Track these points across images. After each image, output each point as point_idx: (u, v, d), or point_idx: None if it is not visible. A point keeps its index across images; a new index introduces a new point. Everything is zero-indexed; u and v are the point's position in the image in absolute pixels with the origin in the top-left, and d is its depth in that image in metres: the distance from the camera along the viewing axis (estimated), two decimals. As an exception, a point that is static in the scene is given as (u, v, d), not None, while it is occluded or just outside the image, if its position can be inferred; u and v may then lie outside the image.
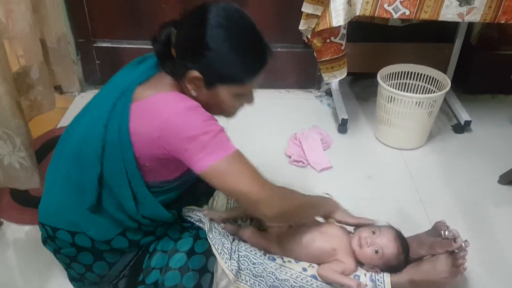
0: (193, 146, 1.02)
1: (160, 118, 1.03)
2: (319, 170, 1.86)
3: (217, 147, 1.04)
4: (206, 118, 1.05)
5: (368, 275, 1.26)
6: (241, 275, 1.25)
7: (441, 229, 1.29)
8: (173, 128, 1.03)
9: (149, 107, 1.06)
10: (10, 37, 1.67)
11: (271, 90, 2.41)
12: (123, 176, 1.09)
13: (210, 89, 1.09)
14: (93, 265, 1.22)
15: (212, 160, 1.03)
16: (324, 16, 1.72)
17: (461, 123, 2.09)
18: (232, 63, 1.05)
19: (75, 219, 1.16)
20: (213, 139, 1.03)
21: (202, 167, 1.04)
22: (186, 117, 1.03)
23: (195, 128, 1.02)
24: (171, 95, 1.07)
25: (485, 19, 1.69)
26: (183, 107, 1.04)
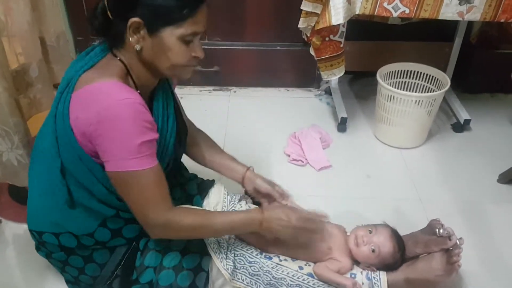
0: (109, 145, 1.00)
1: (94, 108, 1.00)
2: (318, 169, 1.86)
3: (131, 158, 1.00)
4: (138, 121, 1.01)
5: (364, 273, 1.26)
6: (237, 274, 1.25)
7: (436, 227, 1.29)
8: (102, 118, 0.99)
9: (86, 94, 1.03)
10: (9, 35, 1.67)
11: (270, 88, 2.41)
12: (80, 164, 1.07)
13: (154, 37, 1.03)
14: (85, 268, 1.22)
15: (120, 168, 1.01)
16: (323, 14, 1.72)
17: (460, 122, 2.09)
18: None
19: (55, 218, 1.16)
20: (132, 147, 1.00)
21: (108, 168, 1.02)
22: (118, 108, 0.99)
23: (120, 124, 0.99)
24: (110, 84, 1.03)
25: (485, 18, 1.69)
26: (119, 99, 1.00)
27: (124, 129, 0.99)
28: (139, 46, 1.05)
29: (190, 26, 1.04)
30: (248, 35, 2.27)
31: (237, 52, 2.30)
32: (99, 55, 1.11)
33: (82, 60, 1.11)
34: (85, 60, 1.10)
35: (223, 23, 2.23)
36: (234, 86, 2.41)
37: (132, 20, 1.01)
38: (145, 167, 1.02)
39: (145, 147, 1.02)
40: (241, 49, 2.29)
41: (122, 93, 1.02)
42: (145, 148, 1.02)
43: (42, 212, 1.18)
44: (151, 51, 1.06)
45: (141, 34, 1.03)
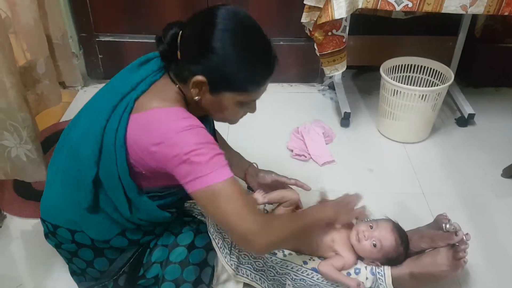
0: (185, 167, 0.99)
1: (157, 134, 1.00)
2: (321, 164, 1.86)
3: (209, 172, 0.99)
4: (204, 140, 1.01)
5: (368, 268, 1.26)
6: (241, 269, 1.25)
7: (442, 222, 1.29)
8: (169, 145, 0.99)
9: (148, 121, 1.02)
10: (16, 31, 1.68)
11: (274, 84, 2.40)
12: (117, 181, 1.07)
13: (214, 95, 1.05)
14: (94, 261, 1.22)
15: (201, 185, 0.99)
16: (326, 8, 1.71)
17: (464, 116, 2.08)
18: (238, 70, 1.02)
19: (74, 217, 1.15)
20: (206, 163, 0.98)
21: (190, 189, 1.00)
22: (183, 136, 0.99)
23: (190, 149, 0.98)
24: (172, 111, 1.03)
25: (488, 11, 1.68)
26: (183, 126, 1.00)
27: (193, 149, 0.98)
28: (198, 98, 1.06)
29: (251, 96, 1.08)
30: (251, 30, 2.26)
31: (240, 48, 2.29)
32: (157, 74, 1.10)
33: (137, 73, 1.09)
34: (140, 74, 1.09)
35: (226, 19, 2.22)
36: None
37: (197, 78, 1.01)
38: (222, 179, 0.99)
39: (217, 160, 1.00)
40: (244, 44, 2.28)
41: (186, 118, 1.02)
42: (219, 160, 1.00)
43: (62, 207, 1.16)
44: (208, 103, 1.08)
45: (202, 89, 1.04)
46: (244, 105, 1.10)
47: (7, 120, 1.40)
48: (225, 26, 1.00)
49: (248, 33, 1.04)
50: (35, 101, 1.75)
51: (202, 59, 1.01)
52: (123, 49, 2.29)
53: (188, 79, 1.03)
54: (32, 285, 1.39)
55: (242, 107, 1.11)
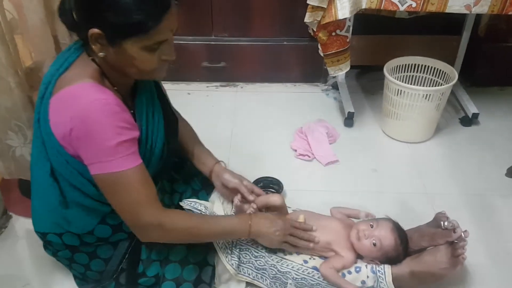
0: (89, 148, 0.99)
1: (71, 110, 0.99)
2: (325, 163, 1.86)
3: (112, 158, 0.99)
4: (113, 122, 0.99)
5: (369, 267, 1.26)
6: (243, 269, 1.26)
7: (441, 220, 1.29)
8: (80, 121, 0.98)
9: (63, 98, 1.02)
10: (23, 32, 1.69)
11: (277, 84, 2.41)
12: (68, 166, 1.07)
13: (116, 47, 1.00)
14: (90, 264, 1.24)
15: (103, 170, 0.99)
16: (329, 8, 1.72)
17: (468, 116, 2.08)
18: (129, 10, 0.94)
19: (54, 219, 1.17)
20: (113, 148, 0.98)
21: (92, 171, 1.01)
22: (92, 116, 0.97)
23: (99, 126, 0.97)
24: (87, 86, 1.01)
25: (492, 11, 1.67)
26: (96, 100, 0.98)
27: (98, 131, 0.98)
28: (102, 54, 1.02)
29: (153, 36, 0.99)
30: (255, 30, 2.27)
31: (243, 48, 2.30)
32: (74, 54, 1.08)
33: (57, 62, 1.09)
34: (60, 61, 1.08)
35: (230, 19, 2.23)
36: (241, 82, 2.41)
37: (92, 31, 0.97)
38: (127, 167, 1.01)
39: (123, 147, 1.00)
40: (248, 44, 2.29)
41: (94, 94, 1.00)
42: (124, 148, 1.00)
43: (41, 214, 1.20)
44: (116, 59, 1.03)
45: (103, 44, 1.00)
46: (154, 50, 1.02)
47: (12, 120, 1.41)
48: None
49: None
50: (41, 102, 1.77)
51: (91, 9, 0.97)
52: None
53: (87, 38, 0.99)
54: (38, 284, 1.40)
55: (152, 53, 1.02)
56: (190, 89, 2.36)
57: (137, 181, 1.03)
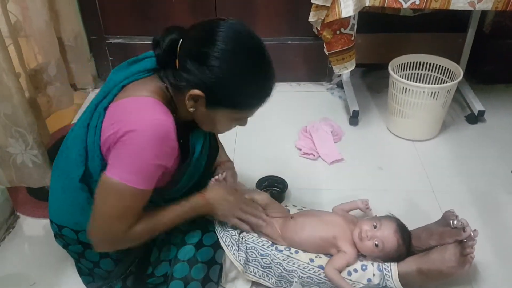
0: (126, 154, 0.99)
1: (121, 120, 1.00)
2: (330, 162, 1.86)
3: (137, 174, 1.00)
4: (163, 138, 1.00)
5: (375, 265, 1.26)
6: (249, 267, 1.26)
7: (450, 218, 1.29)
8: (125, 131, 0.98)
9: (119, 109, 1.03)
10: (27, 35, 1.70)
11: (282, 83, 2.40)
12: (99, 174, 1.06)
13: (210, 110, 1.05)
14: (100, 262, 1.24)
15: (120, 178, 0.99)
16: (333, 7, 1.72)
17: (474, 113, 2.07)
18: (237, 91, 1.02)
19: (77, 218, 1.17)
20: (139, 162, 0.99)
21: (109, 173, 1.01)
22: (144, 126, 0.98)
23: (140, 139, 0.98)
24: (145, 100, 1.02)
25: (496, 7, 1.66)
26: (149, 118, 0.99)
27: (144, 147, 0.98)
28: (193, 109, 1.06)
29: (247, 114, 1.11)
30: (259, 30, 2.23)
31: (248, 47, 2.30)
32: (144, 73, 1.09)
33: (123, 72, 1.10)
34: (126, 72, 1.09)
35: (234, 19, 2.24)
36: (246, 81, 2.41)
37: (194, 92, 1.01)
38: (139, 187, 1.01)
39: (153, 170, 1.02)
40: (252, 44, 2.29)
41: (156, 112, 1.01)
42: (152, 171, 1.02)
43: (64, 208, 1.19)
44: (202, 117, 1.09)
45: (198, 103, 1.04)
46: (238, 121, 1.13)
47: (12, 127, 1.41)
48: (226, 46, 0.99)
49: (248, 55, 1.03)
50: (47, 103, 1.78)
51: (201, 75, 1.00)
52: (133, 51, 2.31)
53: (185, 91, 1.03)
54: (46, 283, 1.41)
55: (235, 122, 1.14)
56: (195, 89, 2.36)
57: (135, 201, 1.04)
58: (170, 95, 1.08)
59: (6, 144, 1.44)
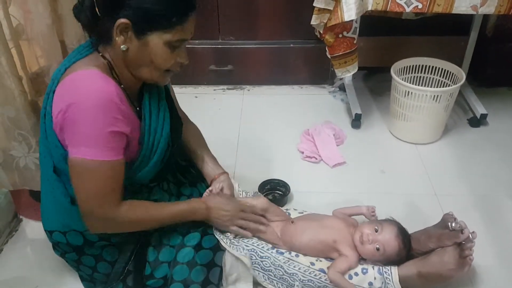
0: (73, 129, 1.01)
1: (67, 94, 1.01)
2: (332, 165, 1.86)
3: (96, 146, 1.01)
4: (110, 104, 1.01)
5: (376, 268, 1.26)
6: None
7: (448, 220, 1.29)
8: (70, 103, 0.99)
9: (64, 86, 1.04)
10: (29, 38, 1.70)
11: (284, 86, 2.41)
12: (65, 163, 1.07)
13: (141, 39, 1.04)
14: (97, 266, 1.25)
15: (78, 154, 1.01)
16: (336, 10, 1.72)
17: (477, 117, 2.06)
18: (161, 3, 1.01)
19: (61, 216, 1.19)
20: (95, 135, 1.00)
21: (71, 154, 1.02)
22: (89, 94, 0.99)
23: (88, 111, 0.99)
24: (87, 73, 1.03)
25: (499, 11, 1.67)
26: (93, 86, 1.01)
27: (90, 116, 0.99)
28: (125, 46, 1.05)
29: (178, 33, 1.05)
30: (261, 33, 2.28)
31: (250, 51, 2.31)
32: (83, 52, 1.11)
33: (66, 60, 1.12)
34: (68, 59, 1.11)
35: (236, 22, 2.24)
36: (248, 85, 2.42)
37: (120, 21, 1.01)
38: (104, 158, 1.02)
39: (110, 138, 1.02)
40: (255, 47, 2.30)
41: (96, 81, 1.02)
42: (110, 140, 1.02)
43: (49, 211, 1.22)
44: (136, 53, 1.06)
45: (128, 35, 1.03)
46: (174, 48, 1.07)
47: (15, 130, 1.41)
48: None
49: None
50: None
51: (120, 3, 1.00)
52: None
53: (112, 31, 1.02)
54: (48, 287, 1.41)
55: (172, 51, 1.07)
56: (198, 92, 2.37)
57: (109, 175, 1.05)
58: (111, 66, 1.09)
59: (9, 147, 1.44)
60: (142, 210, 1.16)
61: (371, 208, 1.42)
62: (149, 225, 1.21)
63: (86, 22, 1.07)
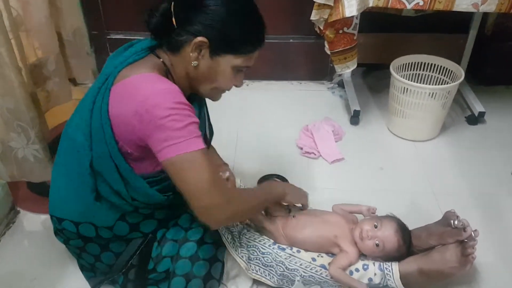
0: (158, 134, 1.00)
1: (133, 100, 1.01)
2: (330, 161, 1.87)
3: (183, 140, 1.00)
4: (179, 105, 1.01)
5: (376, 264, 1.27)
6: (251, 265, 1.26)
7: (451, 218, 1.29)
8: (145, 111, 1.00)
9: (126, 88, 1.05)
10: (28, 29, 1.70)
11: (283, 81, 2.41)
12: (109, 160, 1.08)
13: (213, 58, 1.09)
14: (101, 255, 1.24)
15: (174, 152, 1.00)
16: (337, 6, 1.72)
17: (475, 115, 2.07)
18: (236, 28, 1.07)
19: (80, 208, 1.17)
20: (181, 130, 1.00)
21: (162, 157, 1.02)
22: (159, 100, 1.00)
23: (164, 114, 0.99)
24: (149, 76, 1.06)
25: (500, 9, 1.67)
26: (158, 89, 1.02)
27: (168, 114, 0.99)
28: (196, 63, 1.09)
29: (247, 60, 1.12)
30: (261, 28, 2.27)
31: (250, 45, 2.30)
32: (140, 53, 1.12)
33: (120, 56, 1.12)
34: (124, 55, 1.11)
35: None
36: (247, 79, 2.42)
37: (199, 39, 1.05)
38: (196, 148, 1.02)
39: (191, 128, 1.02)
40: (254, 42, 2.29)
41: (157, 83, 1.04)
42: (191, 130, 1.02)
43: (67, 201, 1.19)
44: (204, 70, 1.11)
45: (202, 52, 1.08)
46: (237, 72, 1.14)
47: (14, 121, 1.41)
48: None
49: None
50: (45, 98, 1.77)
51: (200, 19, 1.05)
52: (134, 47, 2.31)
53: (187, 44, 1.07)
54: (47, 279, 1.40)
55: (235, 74, 1.14)
56: (196, 87, 2.36)
57: (206, 162, 1.04)
58: (167, 70, 1.13)
59: (8, 138, 1.44)
60: (246, 194, 1.25)
61: (371, 209, 1.41)
62: (254, 208, 1.26)
63: (157, 29, 1.10)
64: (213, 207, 1.05)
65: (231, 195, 1.11)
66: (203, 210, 1.06)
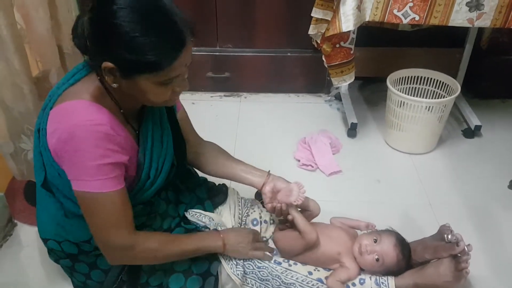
0: (73, 164, 1.00)
1: (61, 128, 1.00)
2: (328, 174, 1.87)
3: (94, 179, 1.00)
4: (102, 143, 0.99)
5: (373, 278, 1.26)
6: (246, 279, 1.26)
7: (444, 232, 1.29)
8: (65, 139, 0.98)
9: (59, 112, 1.02)
10: (30, 42, 1.71)
11: (281, 94, 2.43)
12: (60, 179, 1.07)
13: (129, 80, 0.99)
14: (90, 274, 1.24)
15: (82, 187, 1.01)
16: (333, 21, 1.74)
17: (471, 128, 2.09)
18: (144, 49, 0.93)
19: (54, 227, 1.18)
20: (95, 168, 0.99)
21: (73, 187, 1.02)
22: (80, 132, 0.97)
23: (83, 147, 0.97)
24: (78, 104, 1.01)
25: (495, 25, 1.69)
26: (85, 120, 0.98)
27: (83, 149, 0.98)
28: (115, 84, 1.01)
29: (167, 73, 0.99)
30: (259, 41, 2.29)
31: (247, 58, 2.32)
32: (83, 71, 1.08)
33: (66, 77, 1.10)
34: (68, 76, 1.09)
35: (234, 30, 2.26)
36: (245, 92, 2.43)
37: (105, 64, 0.97)
38: (105, 190, 1.01)
39: (106, 169, 1.01)
40: (252, 55, 2.31)
41: (88, 113, 1.00)
42: (106, 170, 1.01)
43: (43, 220, 1.22)
44: (129, 89, 1.03)
45: (116, 75, 0.99)
46: (167, 84, 1.01)
47: (25, 124, 1.47)
48: (124, 3, 0.92)
49: (147, 8, 0.94)
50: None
51: (106, 44, 0.95)
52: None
53: (100, 68, 0.98)
54: (42, 292, 1.41)
55: (165, 86, 1.02)
56: (195, 99, 2.37)
57: (114, 204, 1.04)
58: (104, 88, 1.06)
59: (20, 140, 1.51)
60: (160, 241, 1.15)
61: (371, 225, 1.40)
62: (167, 258, 1.18)
63: (81, 49, 1.03)
64: (113, 248, 1.08)
65: (135, 242, 1.09)
66: (102, 246, 1.08)
